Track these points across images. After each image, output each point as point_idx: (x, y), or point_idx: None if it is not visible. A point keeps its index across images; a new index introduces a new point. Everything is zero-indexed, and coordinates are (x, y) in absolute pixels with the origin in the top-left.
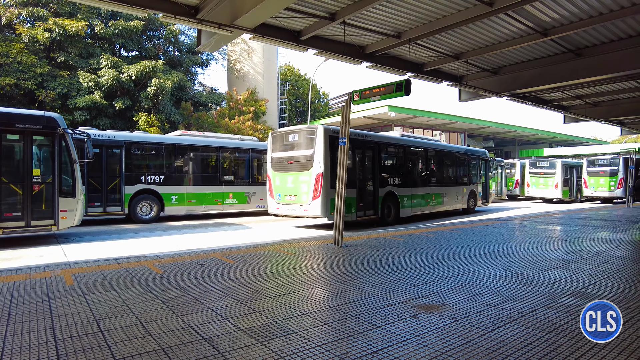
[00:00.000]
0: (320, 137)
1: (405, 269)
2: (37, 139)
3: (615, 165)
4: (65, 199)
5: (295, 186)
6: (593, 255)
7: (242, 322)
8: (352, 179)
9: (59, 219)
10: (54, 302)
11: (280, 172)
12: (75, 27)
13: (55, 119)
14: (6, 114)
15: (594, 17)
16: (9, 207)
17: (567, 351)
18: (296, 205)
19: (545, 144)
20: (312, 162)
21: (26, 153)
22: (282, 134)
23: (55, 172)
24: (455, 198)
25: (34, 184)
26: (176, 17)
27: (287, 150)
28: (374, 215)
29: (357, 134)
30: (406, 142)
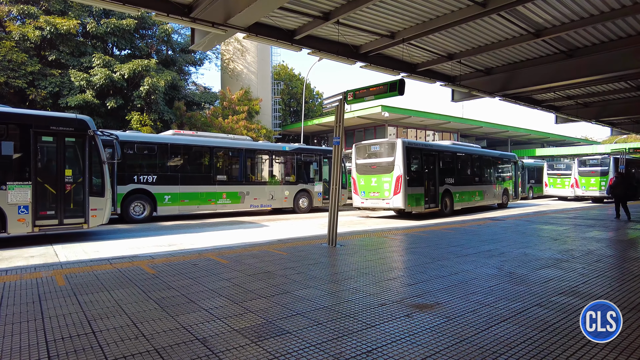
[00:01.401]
0: (399, 148)
1: (399, 268)
2: (69, 141)
3: (606, 165)
4: (95, 198)
5: (378, 185)
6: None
7: (236, 322)
8: (421, 179)
9: (90, 217)
10: (45, 303)
11: (364, 175)
12: (66, 25)
13: (86, 121)
14: (42, 117)
15: (586, 18)
16: (44, 205)
17: (559, 349)
18: (379, 200)
19: (538, 144)
20: (393, 166)
21: (59, 154)
22: (365, 145)
23: (85, 172)
24: (492, 195)
25: (66, 184)
26: (169, 16)
27: (371, 157)
28: (436, 208)
29: (423, 144)
30: (456, 149)
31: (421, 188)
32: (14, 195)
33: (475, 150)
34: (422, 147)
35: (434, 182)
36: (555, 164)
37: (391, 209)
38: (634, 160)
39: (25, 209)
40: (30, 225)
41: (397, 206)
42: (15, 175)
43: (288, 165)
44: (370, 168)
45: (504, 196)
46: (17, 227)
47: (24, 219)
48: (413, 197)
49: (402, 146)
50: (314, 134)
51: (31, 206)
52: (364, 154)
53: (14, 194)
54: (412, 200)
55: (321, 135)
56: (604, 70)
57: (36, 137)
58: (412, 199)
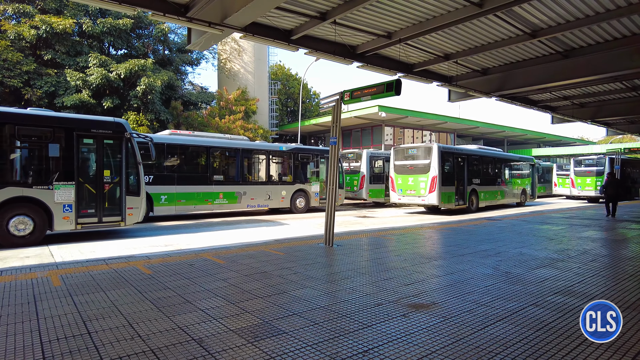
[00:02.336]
0: (435, 151)
1: (395, 268)
2: (107, 143)
3: (602, 165)
4: (132, 197)
5: (415, 184)
6: (580, 254)
7: (233, 323)
8: (452, 179)
9: (126, 215)
10: (41, 303)
11: (401, 175)
12: (62, 24)
13: (123, 124)
14: (84, 120)
15: (581, 19)
16: (85, 204)
17: (555, 348)
18: (415, 197)
19: (534, 144)
20: (429, 167)
21: (98, 155)
22: (403, 149)
23: (122, 172)
24: (512, 194)
25: (105, 184)
26: (166, 16)
27: (407, 159)
28: (464, 205)
29: (455, 149)
30: (482, 152)
31: (452, 187)
32: (59, 194)
33: (498, 154)
34: (454, 151)
35: (463, 182)
36: (564, 165)
37: (426, 205)
38: (629, 160)
39: (69, 207)
40: (73, 223)
41: (432, 203)
42: (60, 176)
43: (285, 165)
44: (407, 169)
45: (522, 195)
46: (62, 225)
47: (68, 217)
48: (445, 195)
49: (438, 150)
50: (311, 134)
51: (74, 205)
52: (401, 156)
53: (59, 193)
54: (444, 198)
55: (318, 135)
56: (599, 70)
57: (78, 140)
58: (445, 196)
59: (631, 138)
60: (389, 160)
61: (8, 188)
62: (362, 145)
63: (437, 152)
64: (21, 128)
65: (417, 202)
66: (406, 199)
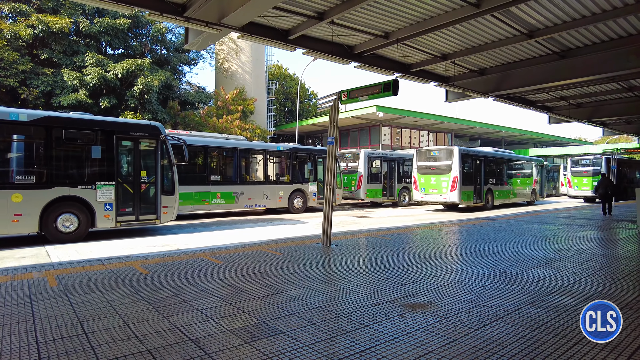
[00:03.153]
0: (456, 153)
1: (392, 267)
2: (144, 145)
3: (598, 165)
4: (166, 196)
5: (437, 183)
6: (576, 254)
7: (230, 323)
8: (470, 179)
9: (161, 214)
10: (37, 304)
11: (424, 175)
12: (59, 23)
13: (158, 127)
14: (124, 124)
15: (578, 19)
16: (124, 203)
17: (551, 348)
18: (437, 195)
19: (531, 144)
20: (450, 168)
21: (136, 157)
22: (425, 151)
23: (157, 173)
24: (523, 193)
25: (142, 184)
26: (163, 15)
27: (430, 161)
28: (481, 203)
29: (473, 151)
30: (497, 155)
31: (471, 187)
32: (101, 193)
33: (512, 155)
34: (472, 153)
35: (480, 182)
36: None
37: (447, 202)
38: (625, 160)
39: (109, 206)
40: (113, 220)
41: (453, 201)
42: (102, 176)
43: (282, 165)
44: (429, 169)
45: (532, 195)
46: (103, 222)
47: (109, 215)
48: (465, 193)
49: (459, 152)
50: (309, 134)
51: (114, 203)
52: (424, 158)
53: (101, 192)
54: (464, 196)
55: (316, 135)
56: (596, 71)
57: (118, 142)
58: (465, 195)
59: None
60: (386, 160)
61: (56, 188)
62: (359, 145)
63: (458, 154)
64: (68, 131)
65: (438, 200)
66: (428, 197)
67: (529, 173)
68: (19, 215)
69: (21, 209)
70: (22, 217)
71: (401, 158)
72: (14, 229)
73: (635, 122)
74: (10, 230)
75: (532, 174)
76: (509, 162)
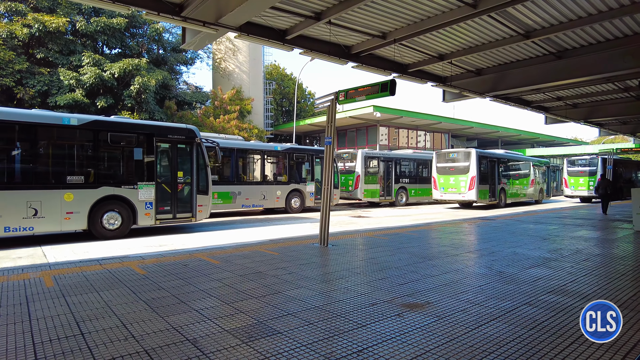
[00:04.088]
0: (474, 155)
1: (390, 267)
2: (180, 147)
3: (594, 165)
4: (201, 195)
5: (455, 183)
6: (573, 253)
7: (227, 323)
8: (486, 179)
9: (197, 212)
10: (33, 304)
11: (443, 175)
12: (55, 23)
13: (194, 130)
14: (162, 127)
15: (574, 20)
16: (161, 202)
17: (547, 347)
18: (456, 194)
19: (528, 144)
20: (468, 169)
21: (173, 158)
22: (444, 153)
23: (193, 173)
24: (532, 193)
25: (179, 184)
26: (160, 15)
27: (448, 162)
28: (495, 201)
29: (489, 153)
30: (509, 156)
31: (487, 186)
32: (142, 193)
33: (522, 157)
34: (487, 155)
35: (494, 181)
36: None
37: (465, 201)
38: (621, 161)
39: (150, 205)
40: (153, 218)
41: (470, 199)
42: (143, 177)
43: (280, 165)
44: (448, 170)
45: (540, 194)
46: (144, 220)
47: (149, 213)
48: (482, 192)
49: (476, 154)
50: (306, 134)
51: (154, 202)
52: (443, 159)
53: (142, 192)
54: (481, 195)
55: (313, 135)
56: (592, 71)
57: (157, 144)
58: (482, 193)
59: (623, 138)
60: (383, 160)
61: (103, 187)
62: (357, 145)
63: (475, 156)
64: (113, 135)
65: (457, 199)
66: (447, 195)
67: (537, 174)
68: (70, 213)
69: (72, 207)
70: (73, 215)
71: (398, 158)
72: (66, 226)
73: (631, 122)
74: (63, 227)
75: (540, 175)
76: (520, 164)
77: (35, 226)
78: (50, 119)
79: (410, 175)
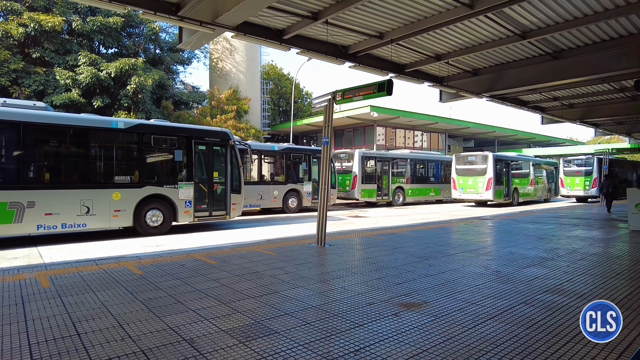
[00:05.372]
0: (490, 158)
1: (387, 267)
2: (215, 149)
3: (590, 165)
4: (235, 194)
5: (474, 184)
6: (569, 253)
7: (224, 323)
8: (501, 180)
9: (230, 210)
10: (29, 305)
11: (462, 176)
12: (51, 22)
13: (228, 133)
14: (200, 130)
15: (570, 21)
16: (199, 200)
17: (544, 346)
18: (474, 194)
19: (524, 144)
20: (485, 171)
21: (209, 159)
22: (464, 156)
23: (227, 173)
24: (542, 192)
25: (214, 183)
26: (157, 14)
27: (467, 164)
28: (509, 200)
29: (504, 156)
30: (522, 158)
31: (502, 186)
32: (182, 192)
33: (533, 158)
34: (503, 158)
35: (508, 182)
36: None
37: (482, 200)
38: (616, 161)
39: (189, 203)
40: (192, 216)
41: (487, 198)
42: (183, 177)
43: (277, 165)
44: (467, 172)
45: (548, 193)
46: (184, 218)
47: (188, 211)
48: (498, 192)
49: (493, 157)
50: (303, 134)
51: (193, 201)
52: (462, 162)
53: (182, 191)
54: (497, 194)
55: (310, 135)
56: (588, 72)
57: (195, 146)
58: (497, 193)
59: (618, 138)
60: (380, 160)
61: (146, 187)
62: (354, 145)
63: (492, 159)
64: (156, 137)
65: (475, 198)
66: (466, 195)
67: (547, 174)
68: (118, 211)
69: (119, 206)
70: (120, 213)
71: (395, 158)
72: (114, 223)
73: (627, 122)
74: (112, 224)
75: (549, 175)
76: (531, 164)
77: (87, 223)
78: (100, 123)
79: (407, 175)
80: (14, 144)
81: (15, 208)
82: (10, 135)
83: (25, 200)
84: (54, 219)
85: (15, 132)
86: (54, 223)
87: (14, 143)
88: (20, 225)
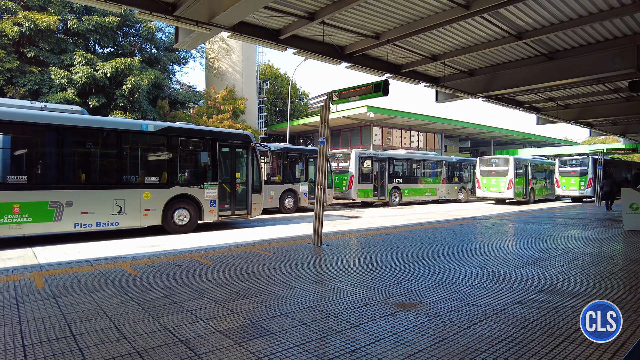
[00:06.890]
0: (511, 161)
1: (383, 267)
2: (238, 151)
3: (585, 165)
4: (255, 194)
5: (496, 184)
6: (564, 253)
7: (220, 324)
8: (520, 180)
9: (251, 209)
10: (23, 306)
11: (485, 177)
12: (46, 21)
13: (249, 136)
14: (224, 132)
15: (565, 22)
16: (222, 200)
17: (539, 346)
18: (496, 193)
19: (520, 145)
20: (507, 172)
21: (232, 161)
22: (487, 159)
23: (249, 174)
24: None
25: (237, 184)
26: (153, 14)
27: (490, 166)
28: (527, 198)
29: (522, 159)
30: (538, 160)
31: (521, 186)
32: (207, 192)
33: (547, 161)
34: (521, 160)
35: (527, 182)
36: None
37: (504, 198)
38: (611, 161)
39: (213, 202)
40: (216, 215)
41: (509, 196)
42: (208, 177)
43: (274, 165)
44: (490, 173)
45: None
46: (208, 217)
47: (213, 210)
48: (518, 191)
49: (513, 160)
50: (300, 134)
51: (217, 201)
52: (485, 164)
53: (207, 191)
54: (517, 193)
55: (307, 135)
56: (583, 72)
57: (220, 148)
58: (518, 192)
59: (613, 139)
60: (377, 160)
61: (174, 187)
62: (350, 145)
63: (513, 161)
64: (184, 139)
65: (497, 197)
66: (489, 194)
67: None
68: (148, 210)
69: (149, 205)
70: (150, 212)
71: (392, 158)
72: (144, 222)
73: (621, 123)
74: (142, 222)
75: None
76: (545, 166)
77: (120, 221)
78: (131, 126)
79: (403, 175)
80: (54, 147)
81: (55, 207)
82: (50, 138)
83: (64, 200)
84: (90, 217)
85: (55, 135)
86: (89, 221)
87: (53, 146)
88: (59, 224)
